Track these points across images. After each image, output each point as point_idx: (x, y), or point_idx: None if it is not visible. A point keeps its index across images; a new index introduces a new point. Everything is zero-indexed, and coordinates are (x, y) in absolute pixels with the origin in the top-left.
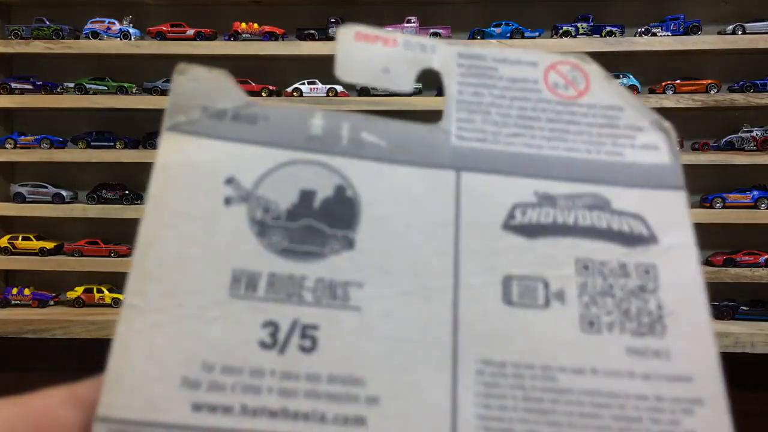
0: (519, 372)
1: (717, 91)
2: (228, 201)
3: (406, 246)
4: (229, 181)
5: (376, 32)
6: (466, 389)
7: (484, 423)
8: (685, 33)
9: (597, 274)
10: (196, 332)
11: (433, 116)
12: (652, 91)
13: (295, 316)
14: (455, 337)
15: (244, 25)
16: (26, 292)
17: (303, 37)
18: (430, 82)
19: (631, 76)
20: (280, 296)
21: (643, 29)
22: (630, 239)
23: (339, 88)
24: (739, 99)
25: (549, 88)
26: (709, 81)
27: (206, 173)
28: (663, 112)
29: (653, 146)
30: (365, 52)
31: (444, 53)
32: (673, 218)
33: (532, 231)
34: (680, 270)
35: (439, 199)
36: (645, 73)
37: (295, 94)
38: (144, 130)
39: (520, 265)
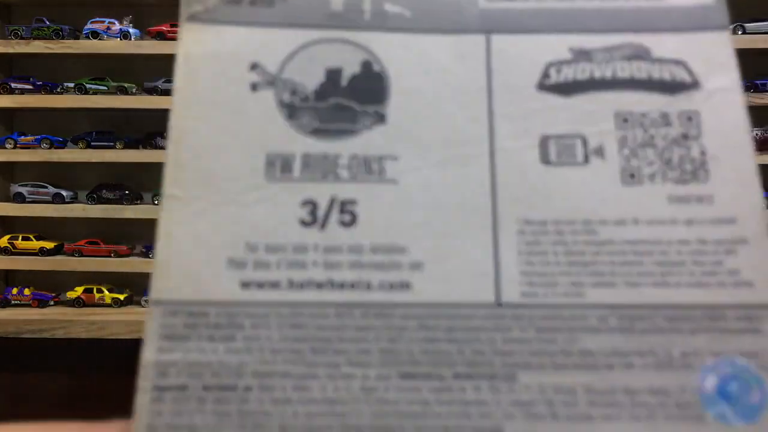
0: (560, 228)
1: None
2: (254, 87)
3: (438, 116)
4: (254, 66)
5: None
6: (509, 248)
7: (527, 278)
8: None
9: (637, 126)
10: (237, 216)
11: None
12: None
13: (333, 193)
14: (494, 201)
15: None
16: (26, 292)
17: None
18: None
19: None
20: (315, 175)
21: None
22: (671, 87)
23: None
24: None
25: None
26: None
27: (230, 61)
28: None
29: None
30: None
31: None
32: (716, 60)
33: (568, 89)
34: (724, 114)
35: (470, 65)
36: None
37: None
38: (144, 130)
39: (556, 124)
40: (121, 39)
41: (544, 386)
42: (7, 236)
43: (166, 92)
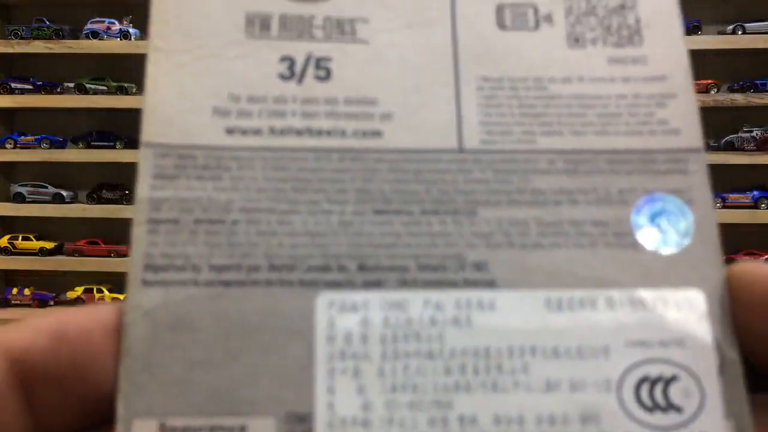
0: (514, 85)
1: (717, 91)
2: None
3: None
4: None
5: None
6: (469, 102)
7: (486, 128)
8: (685, 33)
9: None
10: (219, 69)
11: None
12: None
13: (309, 51)
14: (456, 60)
15: None
16: (26, 292)
17: None
18: None
19: None
20: (292, 34)
21: None
22: None
23: None
24: (739, 99)
25: None
26: (709, 81)
27: None
28: None
29: None
30: None
31: None
32: None
33: None
34: None
35: None
36: None
37: None
38: None
39: None
40: (121, 39)
41: (501, 219)
42: (7, 236)
43: None
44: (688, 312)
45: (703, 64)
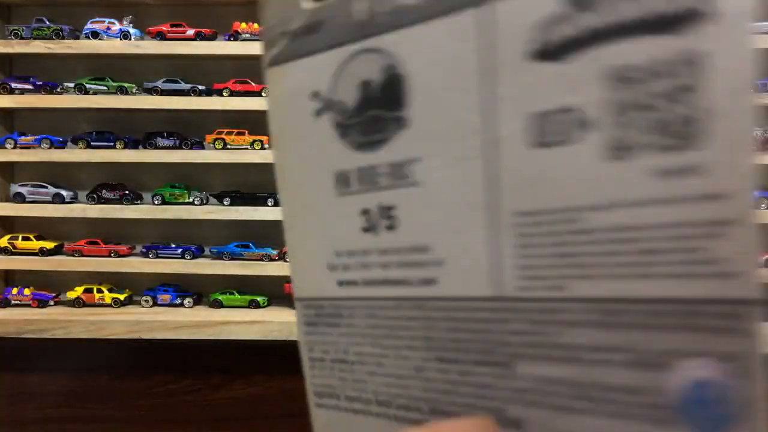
0: (549, 219)
1: None
2: (318, 113)
3: (446, 108)
4: (314, 95)
5: None
6: (507, 244)
7: (522, 272)
8: None
9: (634, 83)
10: (325, 229)
11: None
12: None
13: (379, 201)
14: (497, 195)
15: (244, 25)
16: (26, 292)
17: None
18: None
19: None
20: (365, 186)
21: None
22: (676, 20)
23: None
24: None
25: None
26: None
27: (298, 95)
28: None
29: None
30: None
31: None
32: None
33: (560, 51)
34: (731, 53)
35: (465, 47)
36: None
37: None
38: (144, 130)
39: (548, 97)
40: (121, 39)
41: (537, 377)
42: (7, 236)
43: (166, 92)
44: None
45: None
